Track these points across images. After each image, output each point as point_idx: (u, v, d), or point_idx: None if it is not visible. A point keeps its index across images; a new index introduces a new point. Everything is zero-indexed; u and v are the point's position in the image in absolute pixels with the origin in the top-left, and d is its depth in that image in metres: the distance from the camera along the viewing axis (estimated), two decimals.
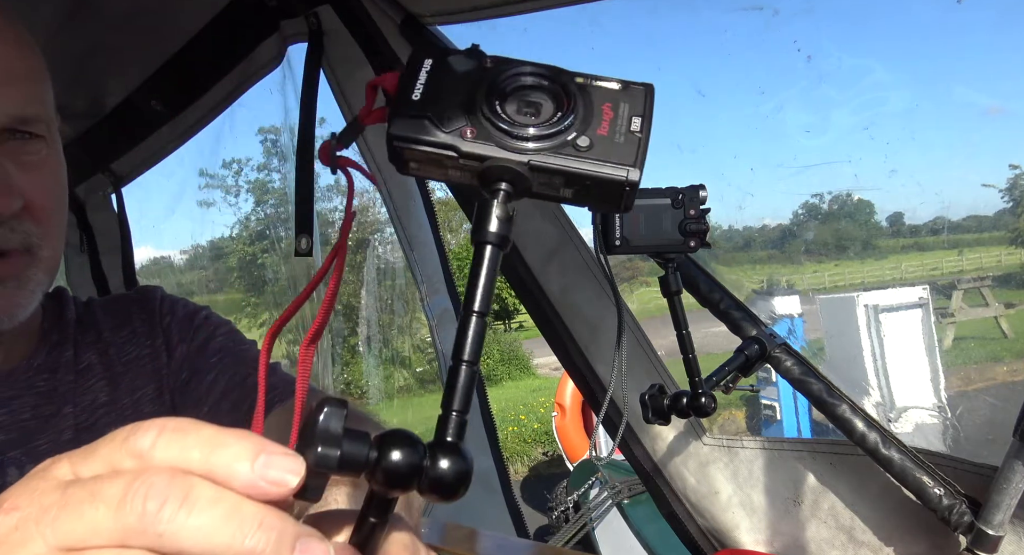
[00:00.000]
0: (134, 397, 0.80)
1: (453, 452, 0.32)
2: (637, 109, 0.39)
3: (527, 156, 0.36)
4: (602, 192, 0.37)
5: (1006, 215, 6.53)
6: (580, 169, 0.36)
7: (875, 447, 0.91)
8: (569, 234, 1.22)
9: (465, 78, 0.38)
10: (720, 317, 1.05)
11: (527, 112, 0.37)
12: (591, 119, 0.37)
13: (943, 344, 4.69)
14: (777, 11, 2.84)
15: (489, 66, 0.38)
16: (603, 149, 0.37)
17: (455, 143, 0.36)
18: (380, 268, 5.13)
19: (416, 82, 0.38)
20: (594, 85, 0.39)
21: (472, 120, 0.36)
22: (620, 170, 0.36)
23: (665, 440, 1.21)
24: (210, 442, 0.30)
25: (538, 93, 0.38)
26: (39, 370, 0.76)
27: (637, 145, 0.37)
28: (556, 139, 0.36)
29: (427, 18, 1.16)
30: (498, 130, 0.36)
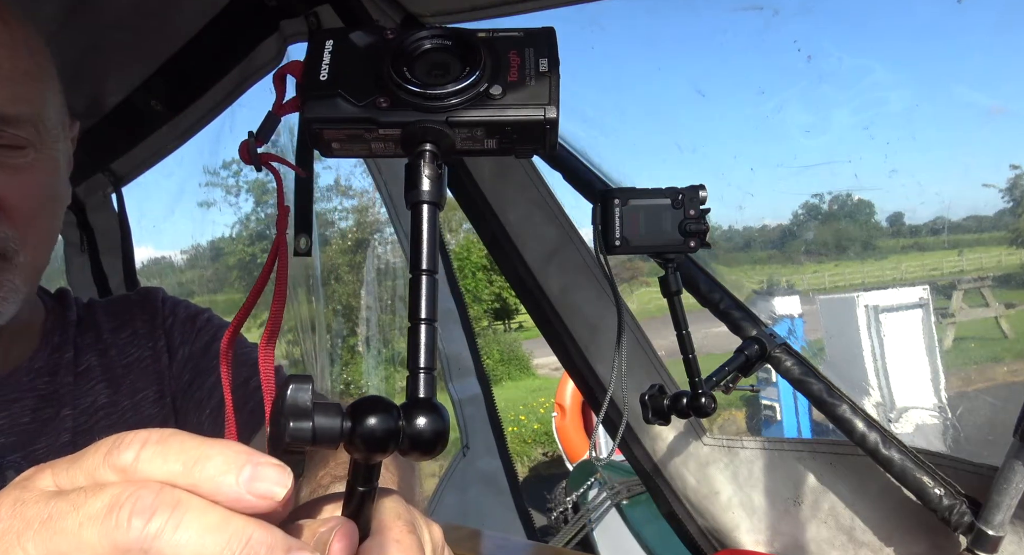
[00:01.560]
0: (135, 399, 0.80)
1: (428, 409, 0.32)
2: (542, 51, 0.39)
3: (444, 114, 0.36)
4: (524, 135, 0.38)
5: (1006, 215, 6.52)
6: (498, 116, 0.37)
7: (875, 447, 0.91)
8: (569, 234, 1.22)
9: (369, 52, 0.38)
10: (720, 317, 1.05)
11: (436, 74, 0.37)
12: (500, 68, 0.38)
13: (943, 344, 4.69)
14: (777, 11, 2.86)
15: (391, 37, 0.39)
16: (516, 94, 0.37)
17: (371, 115, 0.36)
18: (380, 268, 5.13)
19: (321, 64, 0.38)
20: (497, 37, 0.39)
21: (384, 90, 0.37)
22: (536, 111, 0.37)
23: (665, 440, 1.21)
24: (194, 454, 0.29)
25: (443, 54, 0.38)
26: (39, 372, 0.75)
27: (548, 83, 0.38)
28: (469, 93, 0.37)
29: (427, 18, 1.16)
30: (411, 95, 0.36)
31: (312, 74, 0.37)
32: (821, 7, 10.34)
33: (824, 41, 12.62)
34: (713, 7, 2.15)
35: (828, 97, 13.83)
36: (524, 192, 1.23)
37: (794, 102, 10.54)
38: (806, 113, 12.31)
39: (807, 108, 12.75)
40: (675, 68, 27.49)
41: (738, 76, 18.92)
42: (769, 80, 12.95)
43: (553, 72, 0.38)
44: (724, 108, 24.78)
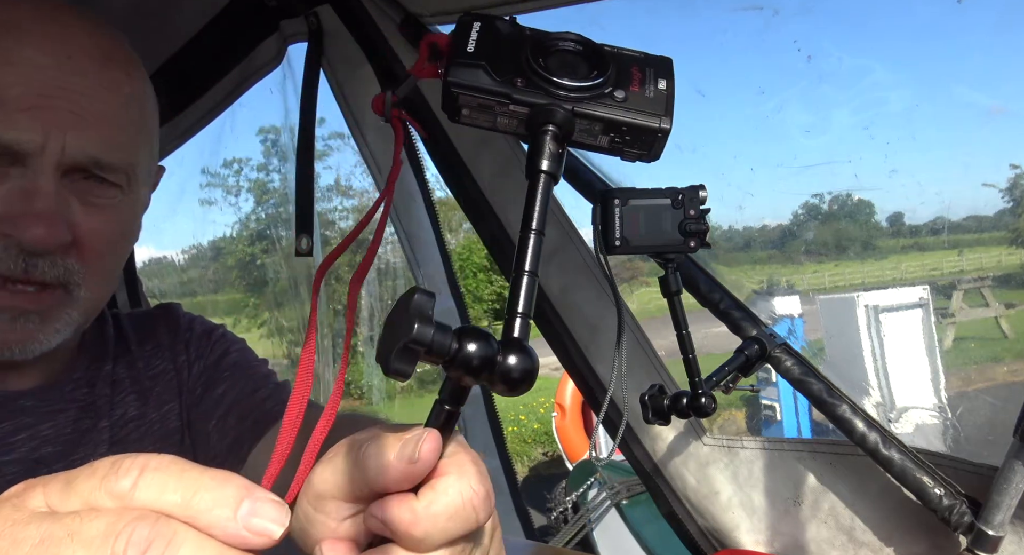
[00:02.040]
0: (162, 411, 0.81)
1: (521, 349, 0.35)
2: (662, 73, 0.44)
3: (571, 104, 0.40)
4: (636, 139, 0.42)
5: (1006, 215, 6.52)
6: (619, 116, 0.41)
7: (875, 447, 0.91)
8: (569, 234, 1.22)
9: (511, 39, 0.42)
10: (720, 317, 1.05)
11: (567, 71, 0.41)
12: (623, 78, 0.42)
13: (943, 344, 4.69)
14: (777, 11, 2.86)
15: (529, 33, 0.43)
16: (637, 101, 0.41)
17: (507, 90, 0.40)
18: (380, 268, 5.12)
19: (468, 40, 0.42)
20: (622, 53, 0.44)
21: (521, 72, 0.40)
22: (653, 119, 0.41)
23: (665, 440, 1.21)
24: (193, 485, 0.29)
25: (574, 57, 0.42)
26: (79, 383, 0.76)
27: (666, 99, 0.42)
28: (595, 91, 0.41)
29: (427, 18, 1.16)
30: (545, 81, 0.40)
31: (460, 45, 0.41)
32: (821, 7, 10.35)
33: (824, 41, 12.61)
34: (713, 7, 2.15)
35: (828, 97, 13.82)
36: (524, 192, 1.23)
37: (794, 102, 10.54)
38: (806, 113, 12.30)
39: (807, 108, 12.73)
40: (675, 68, 27.36)
41: (738, 76, 18.92)
42: (769, 80, 12.97)
43: (670, 91, 0.43)
44: (724, 108, 24.78)
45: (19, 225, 0.61)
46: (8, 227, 0.61)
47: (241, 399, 0.82)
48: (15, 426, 0.69)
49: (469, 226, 8.96)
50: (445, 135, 1.26)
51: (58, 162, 0.63)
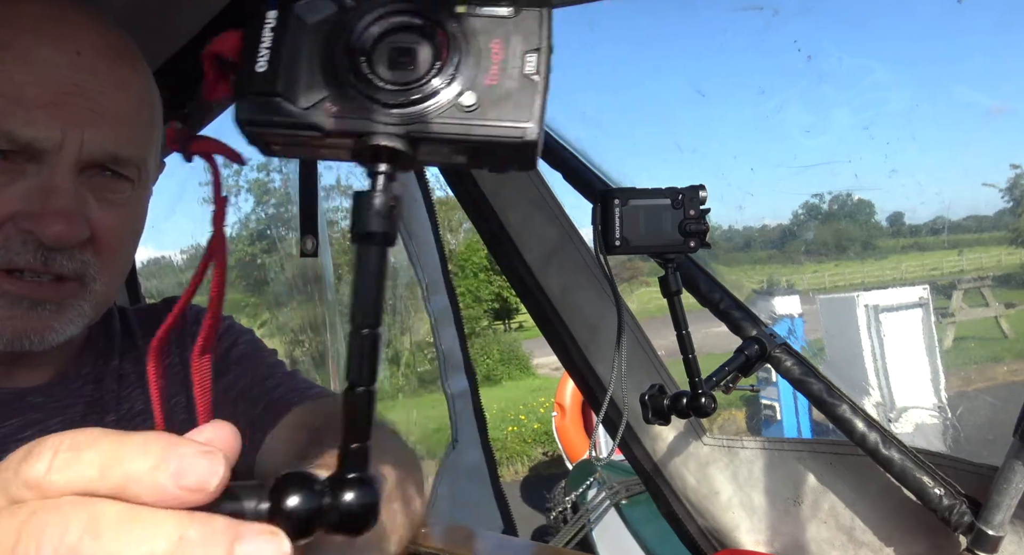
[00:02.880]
0: (169, 405, 0.81)
1: (359, 486, 0.29)
2: (532, 41, 0.31)
3: (405, 126, 0.30)
4: (500, 155, 0.32)
5: (1006, 215, 6.53)
6: (468, 135, 0.30)
7: (875, 447, 0.91)
8: (569, 234, 1.22)
9: (319, 32, 0.31)
10: (720, 317, 1.05)
11: (400, 62, 0.31)
12: (478, 64, 0.31)
13: (943, 344, 4.69)
14: (777, 11, 2.86)
15: (350, 4, 0.31)
16: (493, 104, 0.31)
17: (316, 122, 0.30)
18: None
19: (259, 46, 0.31)
20: (478, 15, 0.31)
21: (334, 88, 0.30)
22: (514, 130, 0.30)
23: (665, 440, 1.21)
24: (112, 455, 0.26)
25: (410, 35, 0.31)
26: (87, 378, 0.77)
27: (534, 93, 0.31)
28: (437, 98, 0.30)
29: None
30: (367, 98, 0.30)
31: (248, 61, 0.30)
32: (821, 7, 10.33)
33: (824, 41, 12.60)
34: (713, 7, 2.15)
35: (828, 97, 13.83)
36: (524, 192, 1.23)
37: (794, 102, 10.52)
38: (806, 113, 12.30)
39: (807, 108, 12.73)
40: (675, 68, 27.48)
41: (738, 76, 18.92)
42: (769, 80, 12.96)
43: (542, 75, 0.31)
44: (724, 108, 24.79)
45: (39, 222, 0.62)
46: (28, 223, 0.63)
47: (251, 386, 0.83)
48: (24, 422, 0.70)
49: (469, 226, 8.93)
50: None
51: (76, 159, 0.64)
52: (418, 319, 5.85)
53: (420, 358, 7.76)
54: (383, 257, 0.31)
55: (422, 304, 1.75)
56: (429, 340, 1.86)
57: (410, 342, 7.21)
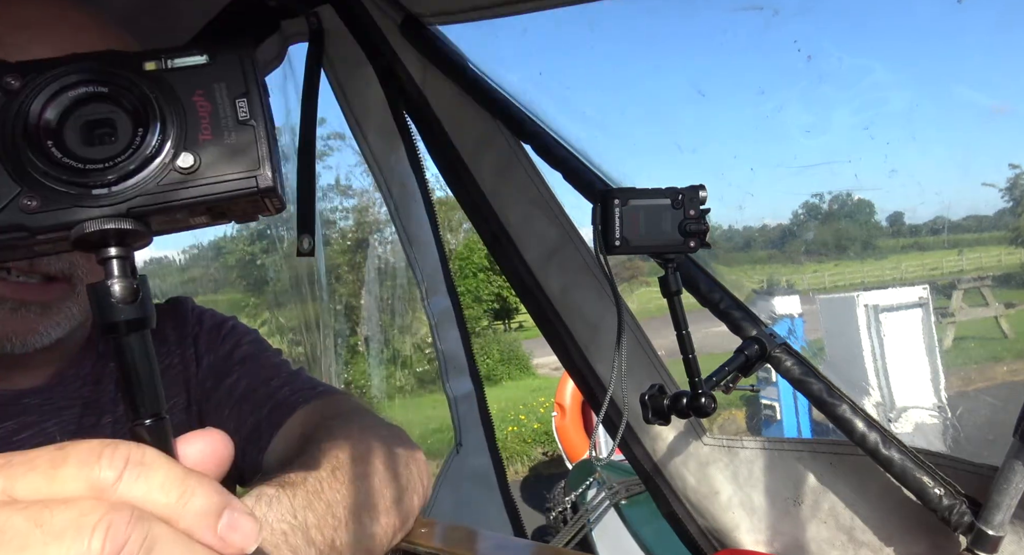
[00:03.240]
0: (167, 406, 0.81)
1: None
2: (238, 87, 0.29)
3: (124, 203, 0.27)
4: (241, 208, 0.29)
5: (1006, 215, 6.53)
6: (196, 197, 0.28)
7: (875, 447, 0.91)
8: (569, 234, 1.22)
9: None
10: (720, 317, 1.05)
11: (99, 136, 0.27)
12: (186, 121, 0.28)
13: (943, 344, 4.69)
14: (777, 11, 2.86)
15: (15, 87, 0.27)
16: (215, 160, 0.28)
17: (20, 222, 0.26)
18: (380, 268, 5.12)
19: None
20: (172, 69, 0.29)
21: (28, 180, 0.26)
22: (244, 180, 0.28)
23: (665, 440, 1.21)
24: (179, 487, 0.27)
25: (101, 105, 0.28)
26: (86, 380, 0.76)
27: (255, 139, 0.29)
28: (152, 166, 0.27)
29: (427, 18, 1.16)
30: (70, 184, 0.27)
31: None
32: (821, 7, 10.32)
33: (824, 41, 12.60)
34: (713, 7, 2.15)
35: (828, 97, 13.83)
36: (524, 192, 1.23)
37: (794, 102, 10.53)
38: (806, 113, 12.30)
39: (807, 108, 12.73)
40: (675, 68, 27.49)
41: (738, 76, 18.91)
42: (769, 80, 12.96)
43: (259, 118, 0.29)
44: (724, 108, 24.79)
45: None
46: None
47: (255, 388, 0.82)
48: (20, 424, 0.69)
49: (469, 226, 8.91)
50: (445, 135, 1.26)
51: None
52: (418, 319, 5.85)
53: (419, 358, 7.76)
54: (144, 342, 0.28)
55: (420, 305, 1.75)
56: (428, 340, 1.86)
57: (410, 342, 7.21)
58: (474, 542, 0.95)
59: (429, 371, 8.17)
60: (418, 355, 8.06)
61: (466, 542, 0.95)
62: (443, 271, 1.67)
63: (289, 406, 0.79)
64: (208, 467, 0.31)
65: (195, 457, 0.31)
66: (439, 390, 1.88)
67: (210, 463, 0.31)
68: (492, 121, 1.20)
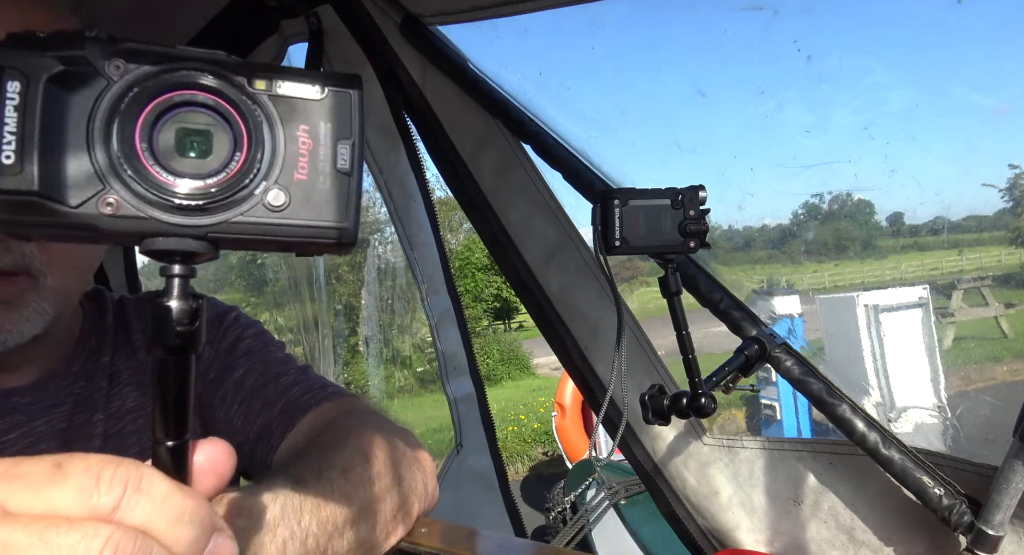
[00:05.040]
0: None
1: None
2: (344, 131, 0.28)
3: (203, 228, 0.26)
4: (311, 249, 0.29)
5: (1006, 215, 6.53)
6: (278, 237, 0.27)
7: (875, 447, 0.91)
8: (569, 234, 1.22)
9: (81, 106, 0.24)
10: (720, 317, 1.05)
11: (191, 148, 0.26)
12: (284, 156, 0.27)
13: (943, 344, 4.69)
14: (777, 11, 2.85)
15: (118, 75, 0.25)
16: (303, 202, 0.27)
17: (90, 222, 0.25)
18: (380, 268, 5.11)
19: (1, 129, 0.24)
20: (282, 96, 0.27)
21: (110, 179, 0.25)
22: (330, 231, 0.27)
23: (665, 440, 1.21)
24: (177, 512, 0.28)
25: (201, 115, 0.26)
26: (77, 376, 0.75)
27: (347, 189, 0.27)
28: (241, 195, 0.26)
29: (427, 18, 1.16)
30: (155, 193, 0.25)
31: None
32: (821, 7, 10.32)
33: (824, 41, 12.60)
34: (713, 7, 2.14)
35: (828, 97, 13.84)
36: (524, 192, 1.23)
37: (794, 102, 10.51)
38: (806, 113, 12.30)
39: (807, 108, 12.74)
40: (675, 68, 27.48)
41: (738, 76, 18.91)
42: (769, 80, 12.96)
43: (355, 170, 0.28)
44: (724, 108, 24.79)
45: None
46: None
47: (265, 384, 0.81)
48: (8, 424, 0.68)
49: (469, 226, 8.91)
50: (445, 135, 1.26)
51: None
52: (418, 320, 5.84)
53: (419, 358, 7.77)
54: (187, 366, 0.28)
55: (420, 305, 1.75)
56: (428, 340, 1.86)
57: (410, 343, 7.21)
58: (474, 542, 0.95)
59: (429, 371, 8.17)
60: (418, 355, 8.06)
61: (466, 542, 0.95)
62: (443, 271, 1.67)
63: (302, 407, 0.78)
64: (212, 476, 0.32)
65: (200, 466, 0.32)
66: (439, 390, 1.89)
67: (214, 473, 0.32)
68: (492, 121, 1.20)
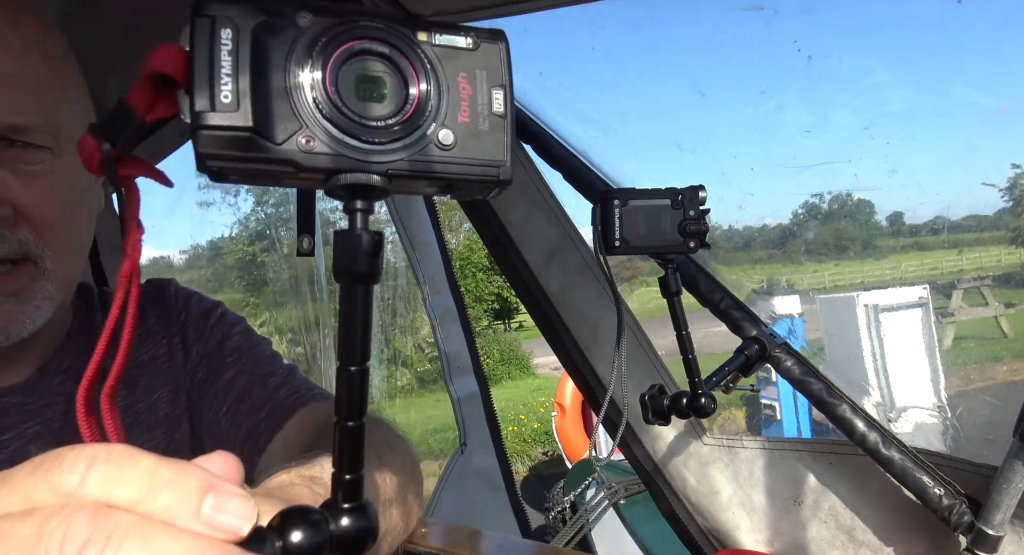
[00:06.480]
0: (150, 400, 0.79)
1: (356, 514, 0.30)
2: (496, 78, 0.31)
3: (384, 164, 0.29)
4: (471, 190, 0.32)
5: (1006, 215, 6.54)
6: (448, 174, 0.30)
7: (875, 447, 0.91)
8: (569, 234, 1.22)
9: (280, 52, 0.28)
10: (720, 317, 1.05)
11: (369, 92, 0.29)
12: (450, 100, 0.30)
13: (943, 344, 4.69)
14: (777, 11, 2.85)
15: (305, 24, 0.28)
16: (468, 143, 0.30)
17: (291, 157, 0.28)
18: None
19: (219, 71, 0.27)
20: (443, 47, 0.30)
21: (308, 120, 0.28)
22: (489, 169, 0.31)
23: (665, 440, 1.21)
24: (149, 479, 0.26)
25: (377, 63, 0.29)
26: (68, 375, 0.74)
27: (503, 131, 0.31)
28: (416, 134, 0.29)
29: (427, 18, 1.16)
30: (343, 132, 0.28)
31: (206, 89, 0.27)
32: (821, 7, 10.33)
33: (824, 41, 12.61)
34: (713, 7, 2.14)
35: (828, 97, 13.85)
36: (524, 192, 1.23)
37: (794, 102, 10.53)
38: (806, 113, 12.30)
39: (807, 108, 12.74)
40: (675, 68, 27.49)
41: (738, 76, 18.92)
42: (769, 80, 12.97)
43: (509, 113, 0.31)
44: (724, 108, 24.79)
45: None
46: None
47: (253, 386, 0.80)
48: (1, 426, 0.68)
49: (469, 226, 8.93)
50: None
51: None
52: (419, 319, 5.83)
53: (420, 358, 7.75)
54: (369, 295, 0.30)
55: (422, 304, 1.75)
56: (429, 339, 1.86)
57: (411, 342, 7.19)
58: (475, 542, 0.96)
59: (430, 371, 8.19)
60: (419, 355, 8.08)
61: (467, 542, 0.95)
62: (445, 271, 1.67)
63: (288, 408, 0.78)
64: None
65: None
66: (440, 390, 1.89)
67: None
68: None
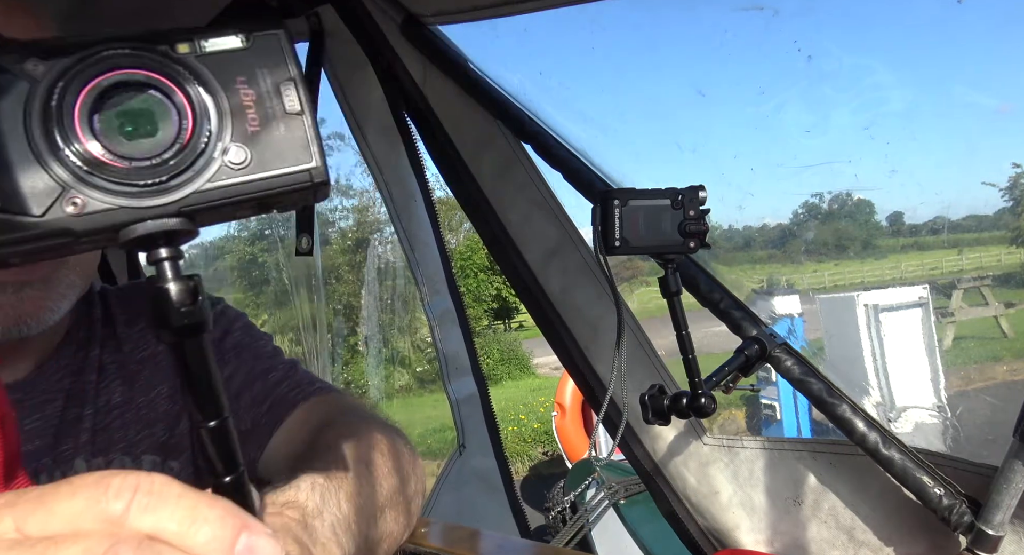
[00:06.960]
0: (150, 396, 0.79)
1: None
2: (282, 72, 0.27)
3: (175, 203, 0.25)
4: (289, 201, 0.28)
5: (1006, 214, 6.54)
6: (251, 194, 0.27)
7: (875, 447, 0.92)
8: (569, 234, 1.22)
9: (13, 117, 0.24)
10: (720, 317, 1.05)
11: (136, 129, 0.25)
12: (231, 112, 0.26)
13: (943, 344, 4.69)
14: (777, 11, 2.86)
15: (38, 73, 0.24)
16: (265, 154, 0.27)
17: (62, 226, 0.24)
18: (380, 267, 5.13)
19: None
20: (212, 55, 0.27)
21: (68, 181, 0.24)
22: (300, 174, 0.27)
23: (665, 440, 1.21)
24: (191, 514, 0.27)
25: (139, 94, 0.25)
26: (67, 371, 0.74)
27: (303, 130, 0.27)
28: (199, 162, 0.26)
29: (427, 18, 1.16)
30: (117, 182, 0.25)
31: None
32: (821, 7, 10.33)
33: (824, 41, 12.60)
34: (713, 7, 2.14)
35: (828, 97, 13.84)
36: (524, 192, 1.23)
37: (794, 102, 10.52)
38: (806, 113, 12.29)
39: (807, 108, 12.73)
40: (676, 68, 27.48)
41: (738, 76, 18.92)
42: (769, 80, 12.97)
43: (307, 106, 0.27)
44: (724, 108, 24.79)
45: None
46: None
47: (253, 381, 0.80)
48: None
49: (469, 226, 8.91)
50: (445, 135, 1.26)
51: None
52: (417, 319, 5.83)
53: (418, 358, 7.74)
54: (204, 346, 0.28)
55: (420, 305, 1.75)
56: (428, 340, 1.87)
57: (409, 343, 7.19)
58: (475, 542, 0.96)
59: (429, 371, 8.19)
60: (417, 355, 8.07)
61: (467, 542, 0.95)
62: (444, 271, 1.67)
63: (289, 403, 0.78)
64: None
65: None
66: (438, 390, 1.88)
67: None
68: (492, 121, 1.20)
